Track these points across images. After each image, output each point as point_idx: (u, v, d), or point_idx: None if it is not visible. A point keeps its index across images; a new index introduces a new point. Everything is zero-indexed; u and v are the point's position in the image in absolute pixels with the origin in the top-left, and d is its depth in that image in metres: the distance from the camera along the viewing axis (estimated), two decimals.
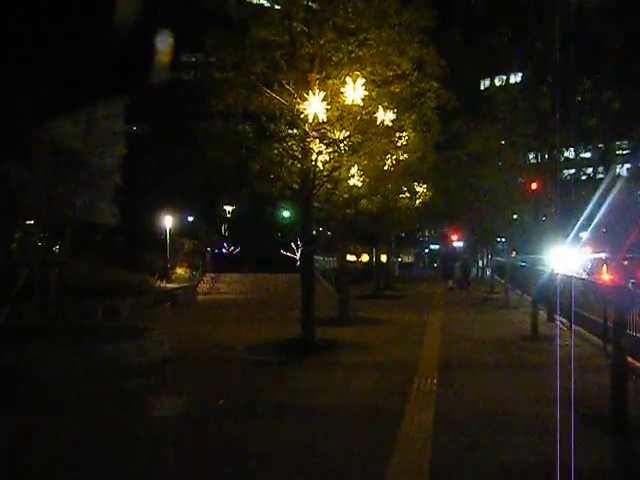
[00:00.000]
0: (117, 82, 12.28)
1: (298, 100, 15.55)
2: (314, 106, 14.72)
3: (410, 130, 20.85)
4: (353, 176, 18.43)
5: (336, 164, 16.99)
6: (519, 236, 31.47)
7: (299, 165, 16.21)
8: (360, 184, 18.90)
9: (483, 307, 27.13)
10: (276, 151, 16.38)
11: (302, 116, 15.31)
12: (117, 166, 41.77)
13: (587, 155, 28.09)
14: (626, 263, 28.78)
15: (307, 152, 15.86)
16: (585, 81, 17.42)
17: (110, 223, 41.05)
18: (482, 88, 30.77)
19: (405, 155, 21.77)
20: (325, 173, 17.00)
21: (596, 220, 23.08)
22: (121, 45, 9.96)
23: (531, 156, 22.81)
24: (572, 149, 22.69)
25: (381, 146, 17.88)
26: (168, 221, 36.86)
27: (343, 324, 20.57)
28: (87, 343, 13.72)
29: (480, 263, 53.87)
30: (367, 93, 15.40)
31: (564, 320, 19.07)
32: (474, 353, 15.17)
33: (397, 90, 17.74)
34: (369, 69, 16.31)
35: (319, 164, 16.52)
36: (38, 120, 14.80)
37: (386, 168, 20.62)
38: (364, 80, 15.22)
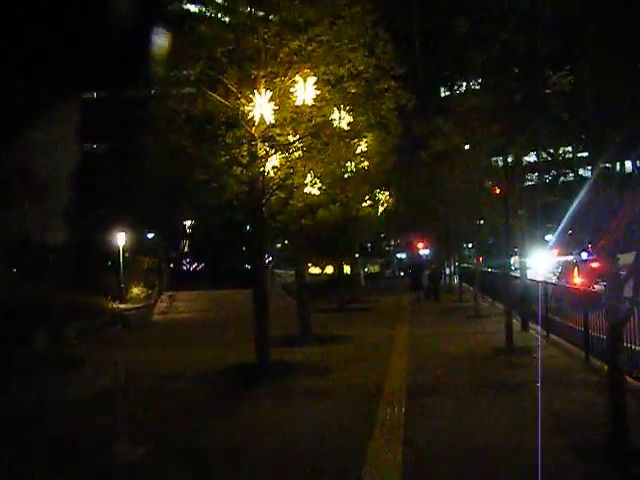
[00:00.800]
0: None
1: (243, 101, 14.16)
2: (260, 107, 13.33)
3: (370, 135, 19.65)
4: (309, 184, 17.02)
5: (289, 171, 15.61)
6: (486, 241, 30.48)
7: (246, 172, 14.78)
8: (317, 192, 17.50)
9: (452, 317, 25.84)
10: (223, 159, 14.93)
11: (248, 119, 13.88)
12: (68, 183, 40.40)
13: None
14: (595, 265, 27.78)
15: (254, 158, 14.42)
16: (553, 75, 16.00)
17: (61, 242, 39.64)
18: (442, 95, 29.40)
19: (365, 162, 20.56)
20: (277, 181, 15.59)
21: (562, 223, 21.80)
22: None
23: (496, 158, 21.49)
24: (534, 153, 21.27)
25: (338, 152, 16.57)
26: (121, 238, 35.15)
27: (304, 343, 19.15)
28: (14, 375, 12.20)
29: (447, 271, 52.77)
30: (319, 93, 14.06)
31: (540, 329, 17.83)
32: (446, 372, 13.76)
33: (352, 90, 16.39)
34: (322, 68, 14.95)
35: (269, 171, 15.04)
36: None
37: (346, 176, 19.34)
38: (315, 79, 13.82)
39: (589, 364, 13.40)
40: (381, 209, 28.98)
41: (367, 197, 27.87)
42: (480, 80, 19.97)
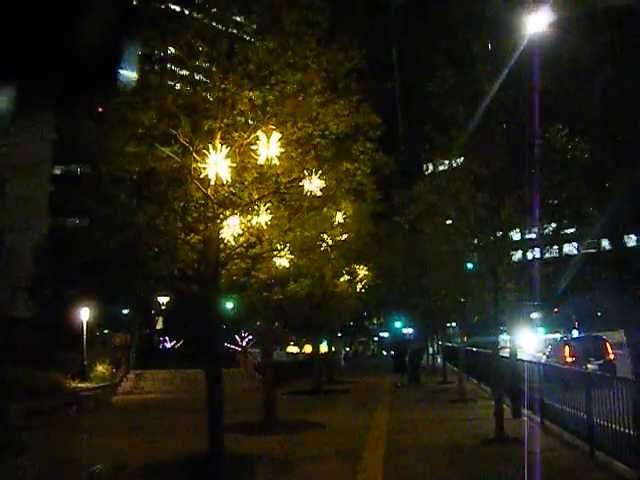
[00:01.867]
0: None
1: (196, 157, 12.51)
2: (215, 164, 11.60)
3: (345, 203, 18.14)
4: (277, 254, 15.31)
5: (252, 238, 13.90)
6: (471, 318, 28.75)
7: (199, 238, 13.05)
8: (287, 264, 15.75)
9: (436, 401, 23.85)
10: (179, 224, 13.23)
11: (201, 177, 12.13)
12: (35, 256, 38.66)
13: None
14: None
15: (208, 221, 12.69)
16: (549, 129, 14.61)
17: (25, 316, 37.70)
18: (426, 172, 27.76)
19: (344, 235, 19.06)
20: (237, 249, 13.87)
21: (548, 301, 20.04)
22: None
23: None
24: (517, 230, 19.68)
25: (311, 221, 15.03)
26: (85, 314, 33.09)
27: (267, 431, 17.11)
28: None
29: (431, 350, 50.76)
30: (284, 151, 12.47)
31: (534, 415, 15.93)
32: (427, 470, 11.76)
33: (324, 153, 14.85)
34: (288, 125, 13.40)
35: (228, 237, 13.17)
36: None
37: (322, 249, 17.73)
38: (280, 135, 12.12)
39: (595, 460, 11.47)
40: (360, 285, 27.37)
41: (344, 271, 26.42)
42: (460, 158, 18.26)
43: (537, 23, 15.27)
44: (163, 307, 56.60)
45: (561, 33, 16.58)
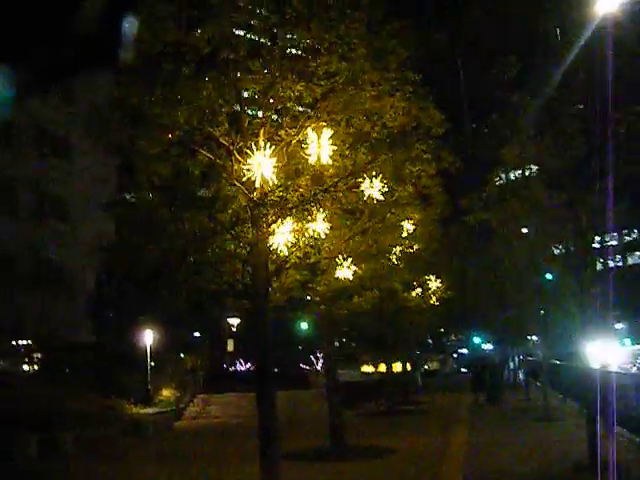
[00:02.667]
0: None
1: (237, 156, 11.27)
2: (259, 165, 10.26)
3: (410, 210, 16.77)
4: (339, 266, 13.95)
5: (308, 248, 12.60)
6: (553, 330, 26.85)
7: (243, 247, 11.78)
8: (351, 276, 14.36)
9: (518, 420, 22.13)
10: (227, 235, 11.98)
11: (245, 179, 10.81)
12: (96, 276, 38.14)
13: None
14: None
15: (255, 228, 11.39)
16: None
17: (88, 341, 37.18)
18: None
19: (416, 246, 17.70)
20: (292, 260, 12.55)
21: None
22: None
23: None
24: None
25: (376, 230, 13.74)
26: (148, 337, 32.25)
27: (334, 458, 15.74)
28: None
29: (511, 365, 48.37)
30: (336, 148, 11.13)
31: (632, 436, 14.11)
32: None
33: (383, 152, 13.41)
34: (341, 121, 12.12)
35: (281, 246, 11.75)
36: None
37: (392, 262, 16.72)
38: (332, 132, 10.70)
39: None
40: (434, 298, 25.79)
41: (415, 284, 24.92)
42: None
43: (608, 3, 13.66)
44: (234, 329, 56.08)
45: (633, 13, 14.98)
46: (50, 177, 37.55)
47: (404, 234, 16.66)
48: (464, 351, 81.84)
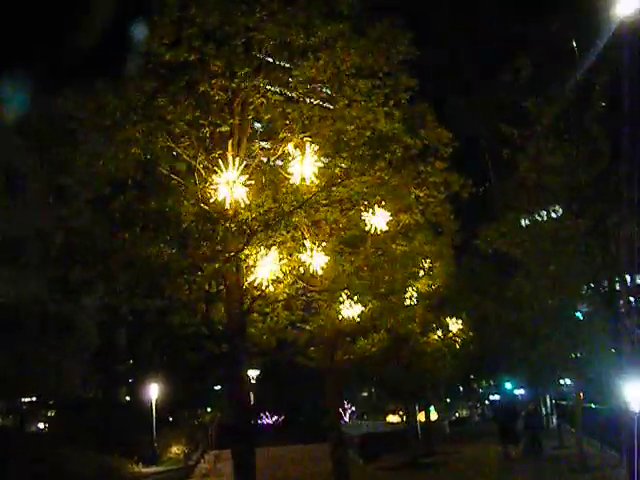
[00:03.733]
0: None
1: (202, 173, 9.78)
2: (228, 185, 8.72)
3: (426, 244, 15.28)
4: (338, 303, 12.49)
5: (299, 284, 11.16)
6: (586, 372, 24.75)
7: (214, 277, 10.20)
8: (357, 316, 12.87)
9: (552, 470, 19.95)
10: (187, 261, 10.36)
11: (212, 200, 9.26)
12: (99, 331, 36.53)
13: None
14: None
15: (223, 257, 9.81)
16: None
17: (94, 397, 35.52)
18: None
19: (434, 283, 16.41)
20: (281, 297, 11.10)
21: None
22: None
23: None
24: None
25: (384, 264, 12.23)
26: (153, 391, 30.45)
27: None
28: None
29: (543, 410, 45.80)
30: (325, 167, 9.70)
31: None
32: None
33: (389, 179, 11.99)
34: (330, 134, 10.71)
35: (264, 280, 10.07)
36: None
37: (407, 302, 15.66)
38: (316, 147, 9.20)
39: None
40: (457, 343, 23.94)
41: (435, 326, 23.11)
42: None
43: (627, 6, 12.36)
44: (253, 381, 54.10)
45: None
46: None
47: (420, 273, 15.10)
48: (496, 397, 79.13)
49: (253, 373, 53.34)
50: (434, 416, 45.67)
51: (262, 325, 12.28)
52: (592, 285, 15.72)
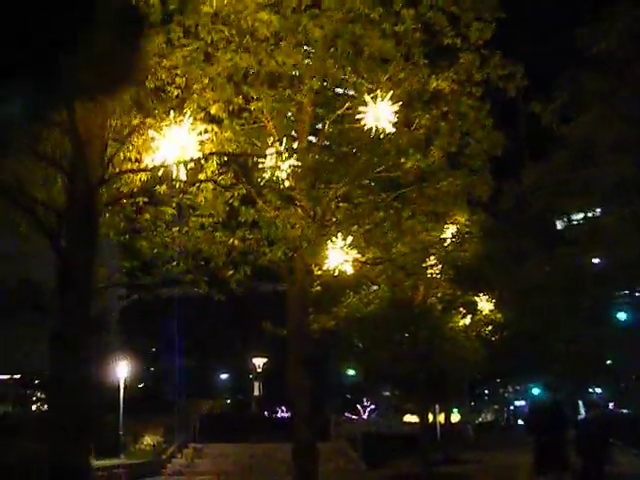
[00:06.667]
0: None
1: None
2: None
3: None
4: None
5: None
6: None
7: None
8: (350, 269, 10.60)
9: None
10: None
11: None
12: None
13: None
14: None
15: None
16: None
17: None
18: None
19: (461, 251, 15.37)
20: None
21: None
22: None
23: None
24: None
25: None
26: (122, 370, 26.30)
27: None
28: None
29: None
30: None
31: None
32: None
33: None
34: None
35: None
36: None
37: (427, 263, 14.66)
38: None
39: None
40: (487, 328, 20.18)
41: (459, 304, 19.21)
42: None
43: None
44: (259, 370, 50.09)
45: None
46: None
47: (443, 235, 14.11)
48: (522, 403, 75.55)
49: (259, 361, 49.58)
50: (455, 418, 41.69)
51: None
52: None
